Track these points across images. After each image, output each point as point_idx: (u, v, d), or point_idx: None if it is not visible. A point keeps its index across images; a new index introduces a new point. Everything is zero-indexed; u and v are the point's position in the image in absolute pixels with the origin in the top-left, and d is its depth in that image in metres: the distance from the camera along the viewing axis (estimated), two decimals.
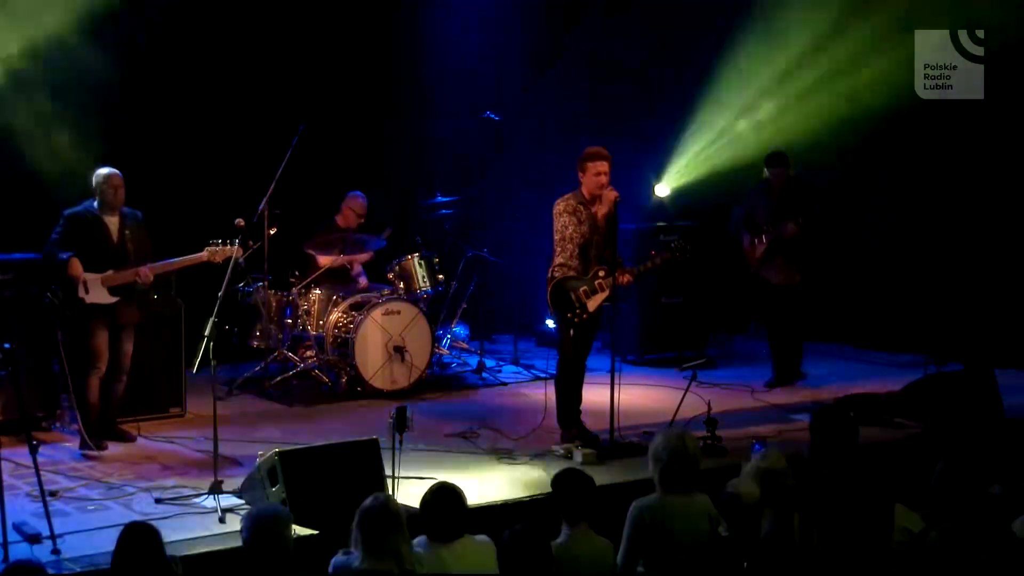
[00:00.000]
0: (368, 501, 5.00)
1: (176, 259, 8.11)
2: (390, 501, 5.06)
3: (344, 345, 9.47)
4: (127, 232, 8.01)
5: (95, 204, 8.01)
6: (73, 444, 8.06)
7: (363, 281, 10.20)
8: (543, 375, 9.86)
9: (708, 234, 10.73)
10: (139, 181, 8.44)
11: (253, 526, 4.96)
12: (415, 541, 5.11)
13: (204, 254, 8.04)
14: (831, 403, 8.70)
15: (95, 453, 7.83)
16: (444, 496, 5.21)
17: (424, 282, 10.04)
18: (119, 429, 8.19)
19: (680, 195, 11.49)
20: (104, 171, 8.02)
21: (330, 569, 5.00)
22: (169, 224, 9.44)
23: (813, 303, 9.99)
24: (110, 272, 7.92)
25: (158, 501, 6.93)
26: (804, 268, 9.62)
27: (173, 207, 9.92)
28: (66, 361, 8.07)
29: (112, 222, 8.00)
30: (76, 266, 7.84)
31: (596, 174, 7.94)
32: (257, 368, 9.70)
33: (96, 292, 7.88)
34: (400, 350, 9.42)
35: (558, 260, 7.95)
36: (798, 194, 9.56)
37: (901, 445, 8.09)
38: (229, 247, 8.00)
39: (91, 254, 7.90)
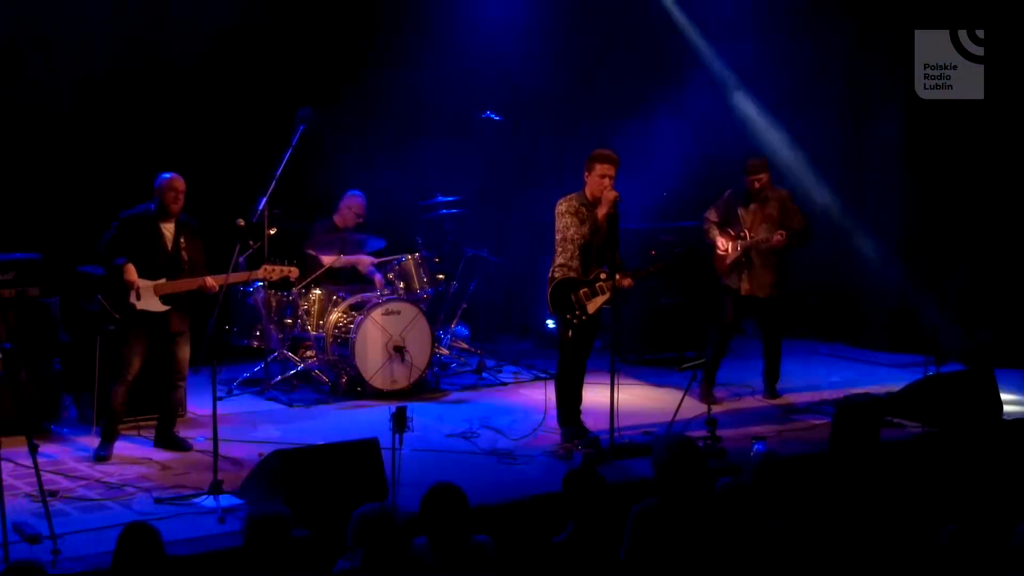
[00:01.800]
0: (364, 506, 5.01)
1: (238, 273, 8.12)
2: (385, 505, 5.07)
3: (344, 345, 9.47)
4: (182, 240, 7.94)
5: (152, 208, 7.91)
6: (73, 445, 8.06)
7: (379, 279, 10.13)
8: (543, 375, 9.86)
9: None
10: (140, 182, 8.43)
11: (253, 526, 4.96)
12: (416, 542, 5.11)
13: (260, 272, 8.12)
14: (853, 398, 8.68)
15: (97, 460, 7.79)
16: (445, 496, 5.20)
17: (424, 282, 10.04)
18: (177, 438, 8.11)
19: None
20: (168, 176, 7.90)
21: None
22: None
23: (785, 316, 9.71)
24: (163, 280, 7.84)
25: (158, 501, 6.93)
26: (778, 283, 9.32)
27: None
28: (66, 364, 8.16)
29: (168, 228, 7.91)
30: (131, 272, 7.77)
31: (602, 176, 7.93)
32: (257, 368, 9.71)
33: (147, 300, 7.82)
34: (400, 350, 9.41)
35: (558, 260, 7.95)
36: (779, 205, 9.26)
37: (902, 445, 8.08)
38: (285, 266, 8.17)
39: (145, 260, 7.82)
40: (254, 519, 4.99)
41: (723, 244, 9.31)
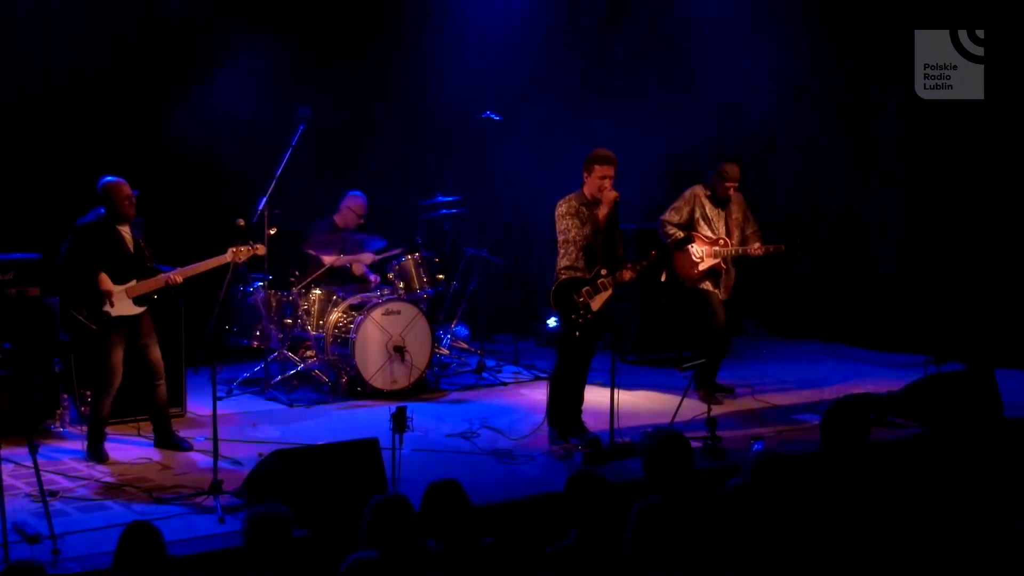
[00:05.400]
0: (376, 499, 4.99)
1: (202, 262, 8.02)
2: (398, 495, 5.06)
3: (344, 345, 9.47)
4: (139, 241, 7.93)
5: (103, 213, 7.83)
6: (73, 445, 8.06)
7: (373, 279, 10.15)
8: (543, 375, 9.86)
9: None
10: (139, 183, 8.42)
11: (253, 526, 4.96)
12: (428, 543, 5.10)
13: (227, 255, 7.98)
14: (843, 400, 8.68)
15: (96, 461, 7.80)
16: (444, 492, 5.19)
17: (424, 282, 10.04)
18: (177, 438, 8.09)
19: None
20: (114, 181, 7.82)
21: (343, 567, 4.96)
22: (171, 226, 9.46)
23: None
24: (134, 282, 7.82)
25: (158, 501, 6.93)
26: (736, 286, 9.41)
27: (173, 209, 9.92)
28: (73, 366, 8.14)
29: (124, 231, 7.88)
30: (106, 281, 7.73)
31: (601, 177, 7.93)
32: (257, 368, 9.71)
33: (122, 305, 7.79)
34: (400, 350, 9.41)
35: (563, 263, 7.92)
36: (740, 210, 9.33)
37: (902, 445, 8.08)
38: (251, 247, 8.01)
39: (111, 266, 7.78)
40: (254, 519, 4.99)
41: (699, 251, 9.28)
